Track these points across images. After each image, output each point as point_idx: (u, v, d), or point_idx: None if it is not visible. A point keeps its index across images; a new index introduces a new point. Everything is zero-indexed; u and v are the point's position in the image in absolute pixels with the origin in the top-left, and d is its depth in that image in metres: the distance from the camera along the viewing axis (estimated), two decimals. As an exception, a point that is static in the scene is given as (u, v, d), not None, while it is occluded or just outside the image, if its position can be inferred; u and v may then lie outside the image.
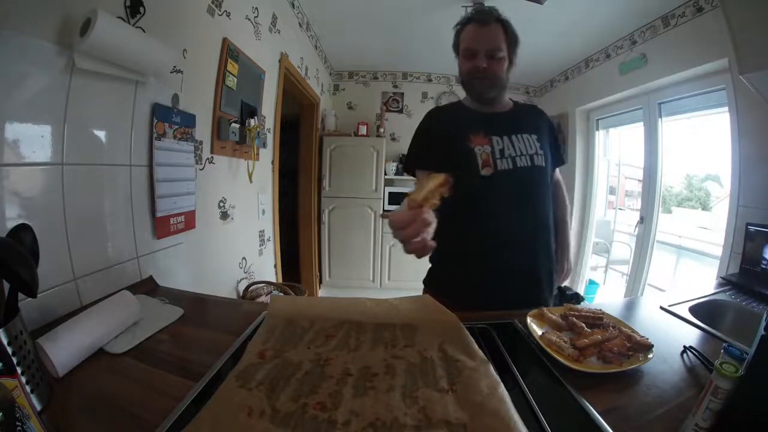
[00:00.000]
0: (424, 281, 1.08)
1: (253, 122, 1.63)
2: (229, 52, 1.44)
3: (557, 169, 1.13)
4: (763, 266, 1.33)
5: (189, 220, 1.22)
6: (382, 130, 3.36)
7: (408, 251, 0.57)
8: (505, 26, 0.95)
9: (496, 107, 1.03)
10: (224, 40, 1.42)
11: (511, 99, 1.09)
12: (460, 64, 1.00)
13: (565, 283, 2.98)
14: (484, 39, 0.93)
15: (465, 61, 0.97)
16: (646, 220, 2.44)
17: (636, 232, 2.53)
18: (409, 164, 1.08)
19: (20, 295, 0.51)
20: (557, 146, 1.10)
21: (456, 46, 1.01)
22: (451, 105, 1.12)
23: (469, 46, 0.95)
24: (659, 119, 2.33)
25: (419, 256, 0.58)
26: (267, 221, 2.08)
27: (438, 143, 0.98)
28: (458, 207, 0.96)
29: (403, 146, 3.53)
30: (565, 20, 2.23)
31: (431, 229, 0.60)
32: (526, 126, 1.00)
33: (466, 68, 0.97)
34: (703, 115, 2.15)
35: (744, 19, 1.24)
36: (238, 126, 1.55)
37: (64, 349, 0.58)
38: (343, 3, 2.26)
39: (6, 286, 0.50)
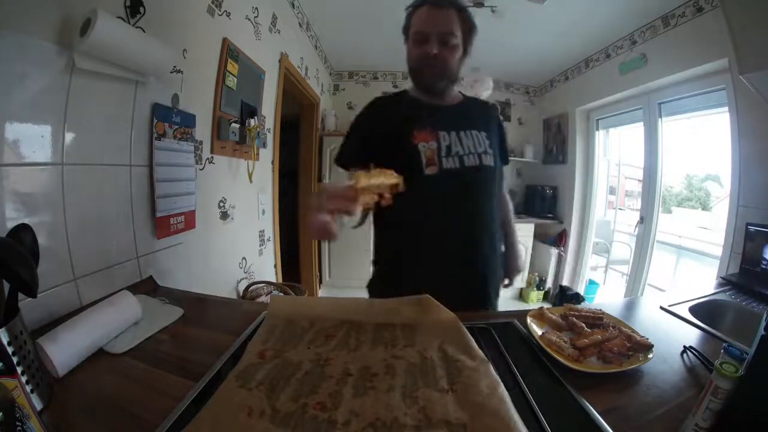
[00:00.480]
0: (367, 286, 1.00)
1: (253, 122, 1.63)
2: (229, 52, 1.44)
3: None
4: (763, 266, 1.33)
5: (189, 220, 1.22)
6: (382, 130, 3.36)
7: (309, 226, 0.53)
8: (462, 12, 0.87)
9: (445, 100, 0.95)
10: (224, 40, 1.42)
11: (460, 92, 1.01)
12: (409, 49, 0.92)
13: (565, 283, 3.00)
14: (438, 22, 0.85)
15: (414, 46, 0.89)
16: (646, 220, 2.45)
17: (636, 232, 2.53)
18: (343, 159, 0.95)
19: (20, 295, 0.51)
20: (504, 144, 1.02)
21: (406, 30, 0.93)
22: (396, 95, 1.03)
23: (420, 29, 0.87)
24: (659, 119, 2.33)
25: (316, 237, 0.56)
26: (267, 221, 2.08)
27: (378, 138, 0.90)
28: (401, 207, 0.91)
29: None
30: (565, 20, 2.22)
31: (346, 220, 0.57)
32: (475, 122, 0.92)
33: (416, 54, 0.89)
34: (703, 115, 2.15)
35: (744, 19, 1.24)
36: (238, 126, 1.55)
37: (64, 349, 0.58)
38: (343, 3, 2.26)
39: (6, 286, 0.50)
